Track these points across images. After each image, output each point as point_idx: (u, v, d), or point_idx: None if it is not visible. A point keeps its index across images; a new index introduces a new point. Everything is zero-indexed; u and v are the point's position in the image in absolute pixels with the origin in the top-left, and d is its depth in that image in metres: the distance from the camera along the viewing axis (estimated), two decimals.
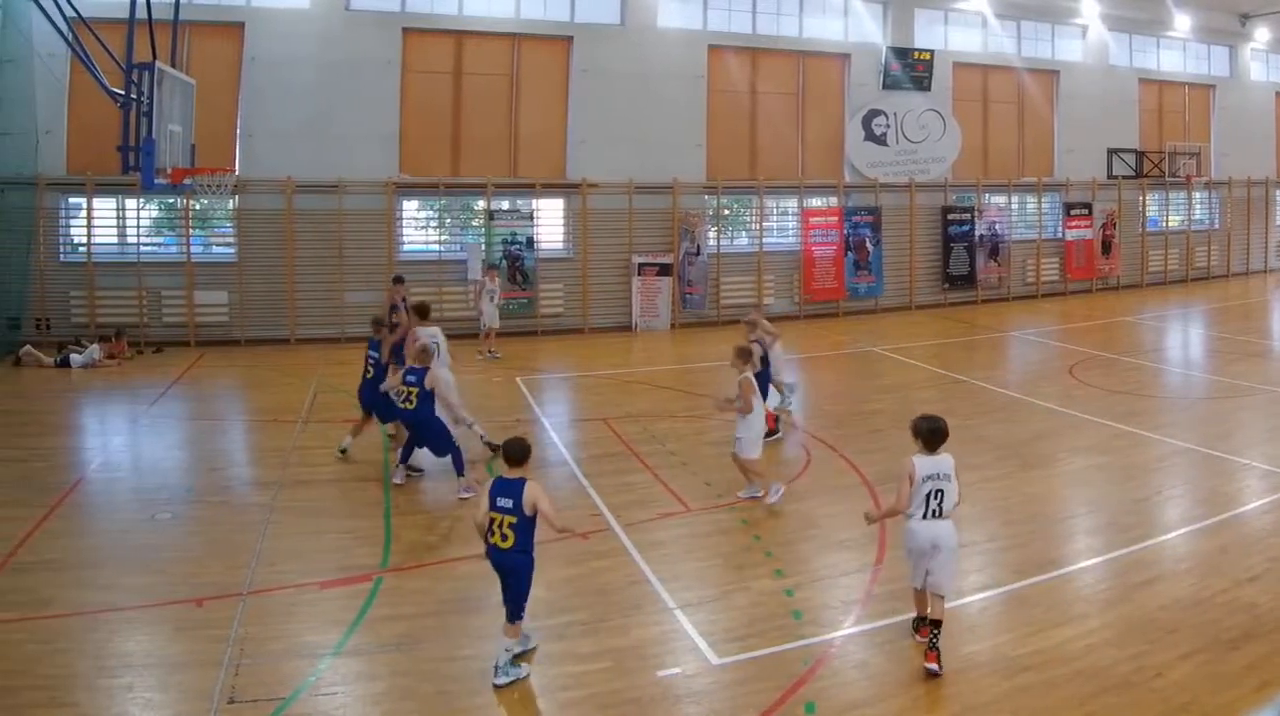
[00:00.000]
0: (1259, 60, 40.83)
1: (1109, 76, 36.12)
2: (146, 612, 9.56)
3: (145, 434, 16.82)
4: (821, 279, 30.57)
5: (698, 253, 28.66)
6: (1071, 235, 34.82)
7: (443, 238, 27.74)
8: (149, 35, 17.76)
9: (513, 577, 8.50)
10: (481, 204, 27.56)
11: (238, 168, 24.57)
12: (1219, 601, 9.56)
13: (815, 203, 31.50)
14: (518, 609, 8.50)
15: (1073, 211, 34.79)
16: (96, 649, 8.77)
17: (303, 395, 19.09)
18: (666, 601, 9.84)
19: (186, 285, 24.63)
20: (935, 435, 8.68)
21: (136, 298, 24.30)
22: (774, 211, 31.41)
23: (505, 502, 8.41)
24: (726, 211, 30.88)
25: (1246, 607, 9.39)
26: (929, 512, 8.53)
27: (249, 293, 25.00)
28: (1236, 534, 11.54)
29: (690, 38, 29.39)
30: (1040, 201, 34.86)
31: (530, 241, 27.24)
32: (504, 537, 8.42)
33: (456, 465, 13.40)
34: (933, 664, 8.33)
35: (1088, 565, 10.76)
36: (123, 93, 16.90)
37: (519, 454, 8.62)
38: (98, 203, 24.48)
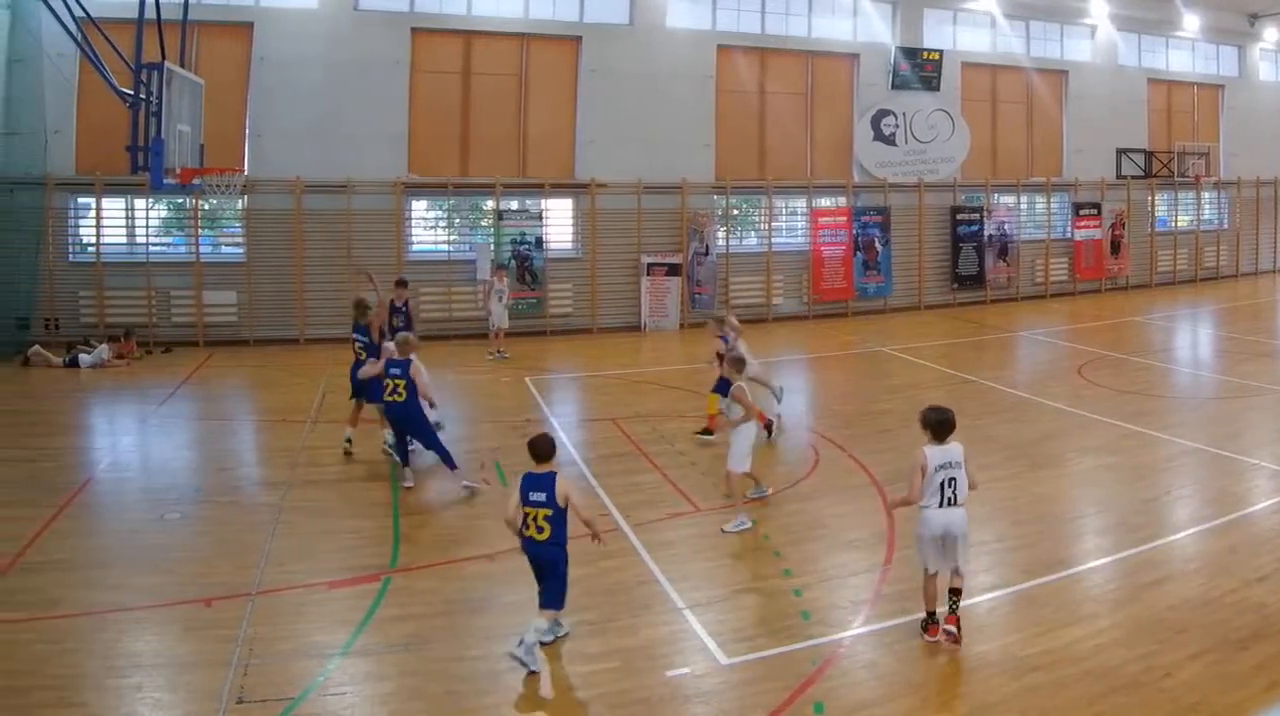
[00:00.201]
0: (1268, 60, 40.69)
1: (1118, 76, 36.05)
2: (155, 612, 9.57)
3: (154, 434, 16.85)
4: (830, 279, 30.55)
5: (706, 253, 28.66)
6: (1080, 235, 34.75)
7: (452, 238, 27.74)
8: (158, 35, 17.81)
9: (550, 570, 8.69)
10: (490, 204, 27.59)
11: (246, 168, 24.60)
12: (1228, 601, 9.53)
13: (824, 203, 31.48)
14: (558, 598, 8.71)
15: (1081, 211, 34.73)
16: (105, 649, 8.78)
17: (311, 395, 19.11)
18: (675, 601, 9.83)
19: (195, 285, 24.65)
20: (943, 426, 8.85)
21: (145, 298, 24.32)
22: (783, 211, 31.34)
23: (538, 497, 8.59)
24: (735, 211, 30.83)
25: (1255, 607, 9.37)
26: (944, 501, 8.74)
27: (258, 293, 25.05)
28: (1245, 534, 11.51)
29: (699, 38, 29.38)
30: (1049, 201, 34.81)
31: (539, 241, 27.26)
32: (540, 530, 8.61)
33: (448, 461, 13.49)
34: (952, 626, 8.72)
35: (1097, 565, 10.74)
36: (132, 93, 16.94)
37: (546, 449, 8.87)
38: (107, 203, 24.51)
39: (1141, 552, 10.94)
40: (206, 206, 25.51)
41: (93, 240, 24.40)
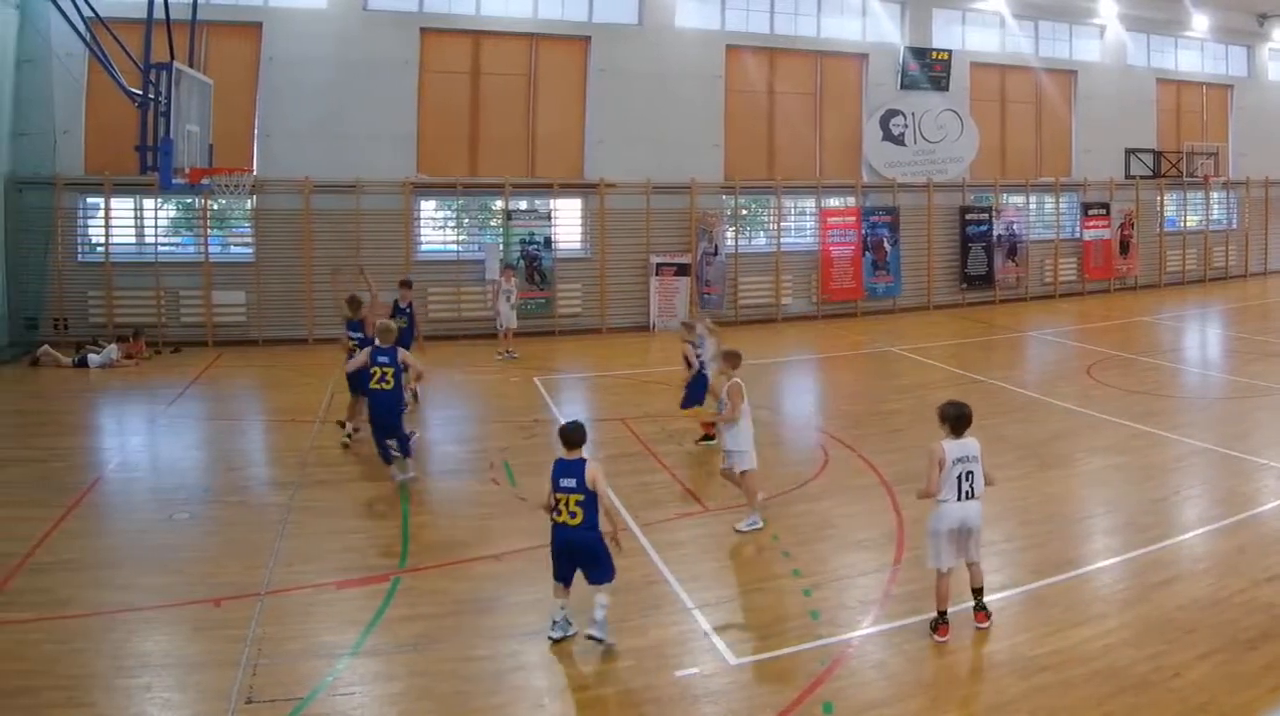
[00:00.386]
0: (1277, 60, 40.55)
1: (1127, 76, 35.97)
2: (164, 612, 9.59)
3: (163, 434, 16.88)
4: (839, 279, 30.51)
5: (715, 253, 28.64)
6: (1089, 235, 34.68)
7: (460, 238, 27.77)
8: (167, 35, 17.80)
9: (586, 555, 8.82)
10: (499, 204, 27.58)
11: (255, 168, 24.61)
12: (1237, 601, 9.51)
13: (833, 203, 31.47)
14: (608, 571, 8.89)
15: (1090, 211, 34.65)
16: (114, 649, 8.80)
17: (320, 395, 19.11)
18: (685, 601, 9.84)
19: (204, 285, 24.70)
20: (961, 420, 9.02)
21: (154, 298, 24.37)
22: (792, 211, 31.35)
23: (569, 482, 8.75)
24: (744, 211, 30.84)
25: (1264, 607, 9.35)
26: (961, 494, 8.87)
27: (266, 292, 25.07)
28: (1254, 534, 11.48)
29: (708, 38, 29.37)
30: (1058, 201, 34.75)
31: (548, 241, 27.26)
32: (572, 515, 8.74)
33: (405, 447, 13.77)
34: (983, 622, 9.07)
35: (1106, 565, 10.72)
36: (140, 93, 16.95)
37: (576, 436, 9.09)
38: (115, 203, 24.56)
39: (1150, 553, 10.92)
40: (215, 206, 25.60)
41: (102, 240, 24.44)
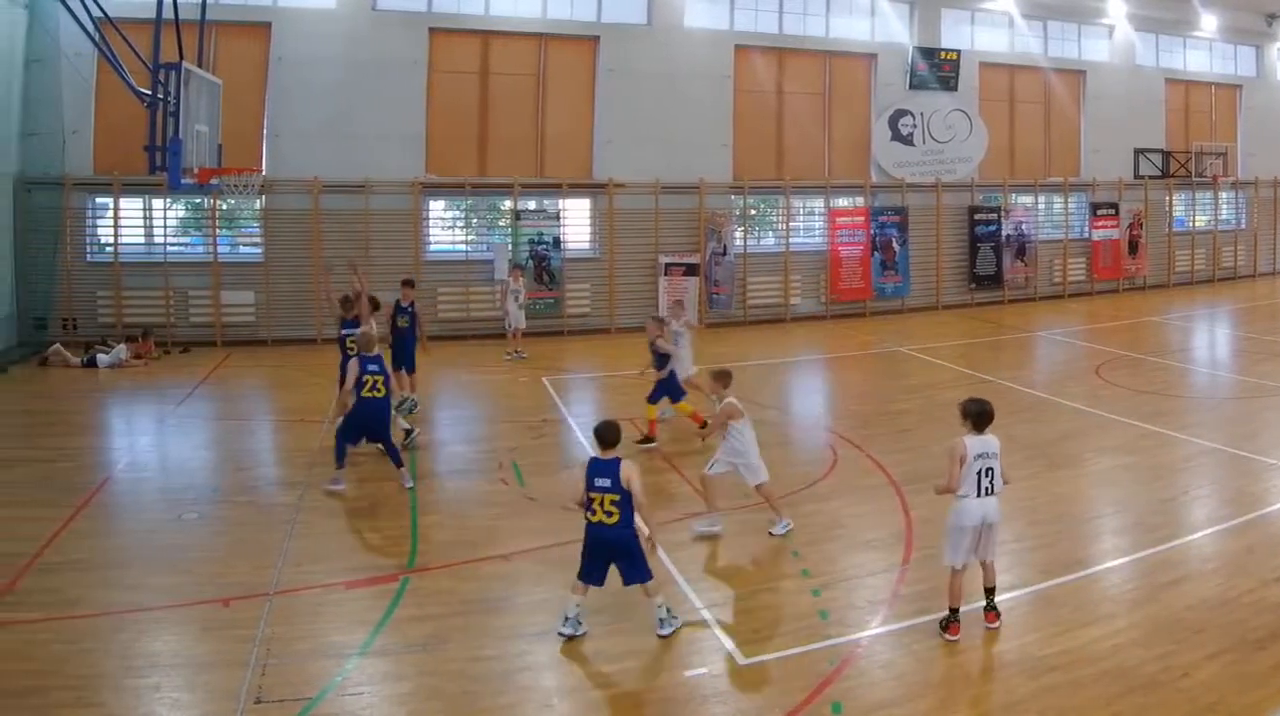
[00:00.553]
0: None
1: (1135, 76, 35.89)
2: (173, 612, 9.60)
3: (172, 434, 16.91)
4: (848, 279, 30.49)
5: (724, 253, 28.64)
6: (1098, 235, 34.62)
7: (469, 238, 27.76)
8: (175, 35, 17.86)
9: (623, 552, 8.91)
10: (508, 204, 27.61)
11: (264, 168, 24.69)
12: (1246, 601, 9.49)
13: (842, 202, 31.44)
14: (644, 570, 8.98)
15: (1099, 211, 34.59)
16: (123, 649, 8.82)
17: (329, 395, 19.08)
18: (693, 601, 9.83)
19: (213, 285, 24.74)
20: (983, 417, 9.10)
21: (163, 298, 24.42)
22: (800, 211, 31.25)
23: (604, 482, 8.83)
24: (753, 211, 30.79)
25: (1273, 607, 9.32)
26: (981, 490, 8.91)
27: (275, 292, 25.11)
28: (1263, 534, 11.46)
29: (717, 38, 29.37)
30: (1067, 201, 34.68)
31: (557, 241, 27.27)
32: (609, 515, 8.83)
33: (395, 457, 13.84)
34: (993, 622, 9.11)
35: (1114, 565, 10.71)
36: (149, 93, 17.00)
37: (611, 436, 9.18)
38: (124, 203, 24.57)
39: (1159, 552, 10.90)
40: (224, 206, 25.60)
41: (110, 240, 24.49)
